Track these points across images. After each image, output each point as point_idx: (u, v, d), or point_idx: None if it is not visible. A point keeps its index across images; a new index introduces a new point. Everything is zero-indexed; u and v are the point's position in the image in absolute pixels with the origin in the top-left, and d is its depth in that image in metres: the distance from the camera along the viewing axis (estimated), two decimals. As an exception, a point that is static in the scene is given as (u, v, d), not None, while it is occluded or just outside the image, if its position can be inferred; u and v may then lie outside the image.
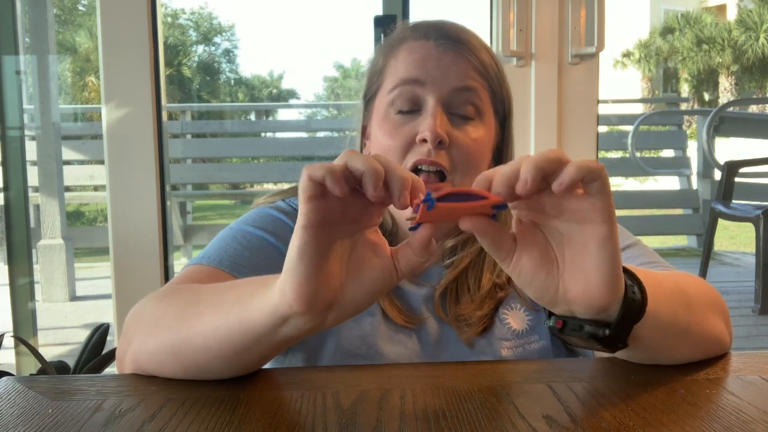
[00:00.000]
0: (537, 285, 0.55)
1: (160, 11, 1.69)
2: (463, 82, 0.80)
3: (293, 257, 0.51)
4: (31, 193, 2.78)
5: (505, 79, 0.85)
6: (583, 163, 0.49)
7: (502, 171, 0.51)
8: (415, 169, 0.79)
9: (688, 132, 6.70)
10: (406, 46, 0.82)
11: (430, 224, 0.52)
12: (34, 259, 3.72)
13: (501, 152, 0.87)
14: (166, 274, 1.68)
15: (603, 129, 6.37)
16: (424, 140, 0.77)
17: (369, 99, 0.86)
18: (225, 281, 0.70)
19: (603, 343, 0.55)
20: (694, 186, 5.68)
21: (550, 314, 0.58)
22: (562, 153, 0.50)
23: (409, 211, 0.51)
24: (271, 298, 0.54)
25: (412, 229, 0.52)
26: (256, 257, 0.77)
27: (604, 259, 0.52)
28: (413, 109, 0.80)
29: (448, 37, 0.81)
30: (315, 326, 0.54)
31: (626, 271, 0.56)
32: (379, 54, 0.86)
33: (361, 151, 0.88)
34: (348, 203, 0.51)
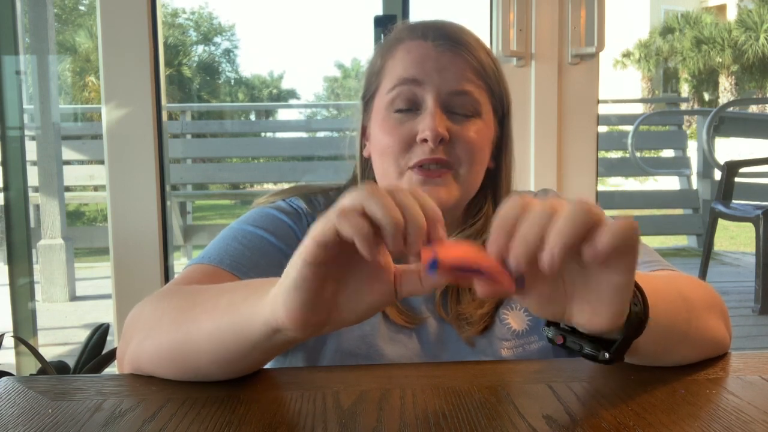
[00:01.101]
0: (542, 313, 0.54)
1: (160, 11, 1.69)
2: (461, 85, 0.79)
3: (289, 285, 0.50)
4: (31, 193, 2.77)
5: (503, 78, 0.85)
6: (618, 231, 0.46)
7: (524, 238, 0.47)
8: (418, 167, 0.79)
9: (688, 132, 6.70)
10: (404, 46, 0.82)
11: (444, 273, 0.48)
12: (34, 259, 3.72)
13: (500, 150, 0.87)
14: (166, 274, 1.68)
15: (603, 129, 6.36)
16: (425, 140, 0.77)
17: (368, 99, 0.86)
18: (226, 281, 0.70)
19: (601, 362, 0.55)
20: (694, 186, 5.68)
21: (549, 322, 0.57)
22: (592, 213, 0.47)
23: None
24: (263, 309, 0.53)
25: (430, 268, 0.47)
26: (257, 257, 0.77)
27: (616, 304, 0.51)
28: (412, 108, 0.80)
29: (446, 37, 0.81)
30: (307, 337, 0.53)
31: None
32: (377, 54, 0.86)
33: (361, 151, 0.88)
34: None
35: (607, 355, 0.54)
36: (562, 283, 0.53)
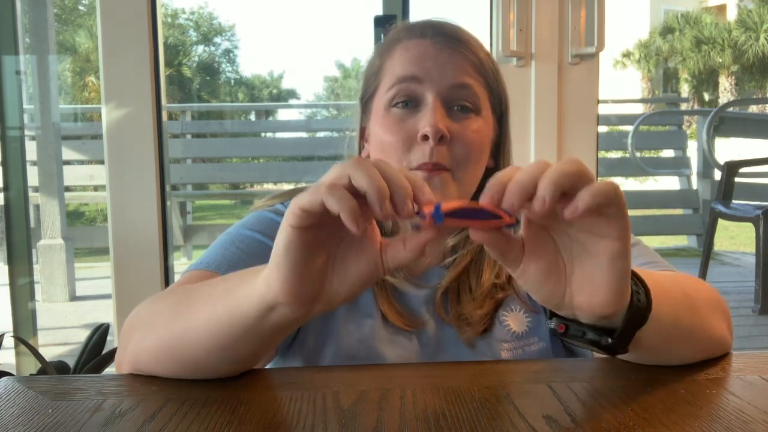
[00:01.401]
0: (543, 292, 0.54)
1: (160, 11, 1.69)
2: (461, 78, 0.79)
3: (279, 252, 0.51)
4: (31, 193, 2.78)
5: (501, 77, 0.85)
6: (597, 189, 0.48)
7: (518, 181, 0.49)
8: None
9: (688, 132, 6.71)
10: (402, 45, 0.82)
11: (433, 230, 0.50)
12: (34, 259, 3.72)
13: (499, 149, 0.87)
14: (166, 274, 1.68)
15: (603, 129, 6.37)
16: (425, 137, 0.77)
17: (366, 100, 0.86)
18: None
19: (605, 349, 0.55)
20: (694, 186, 5.69)
21: (552, 314, 0.58)
22: (580, 166, 0.49)
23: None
24: (258, 287, 0.54)
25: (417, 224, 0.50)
26: (255, 261, 0.77)
27: (613, 274, 0.51)
28: (412, 106, 0.80)
29: (444, 35, 0.81)
30: (302, 315, 0.54)
31: (632, 273, 0.56)
32: (375, 55, 0.86)
33: (360, 152, 0.88)
34: None
35: (610, 340, 0.54)
36: (561, 259, 0.53)
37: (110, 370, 1.53)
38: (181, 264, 4.39)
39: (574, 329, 0.56)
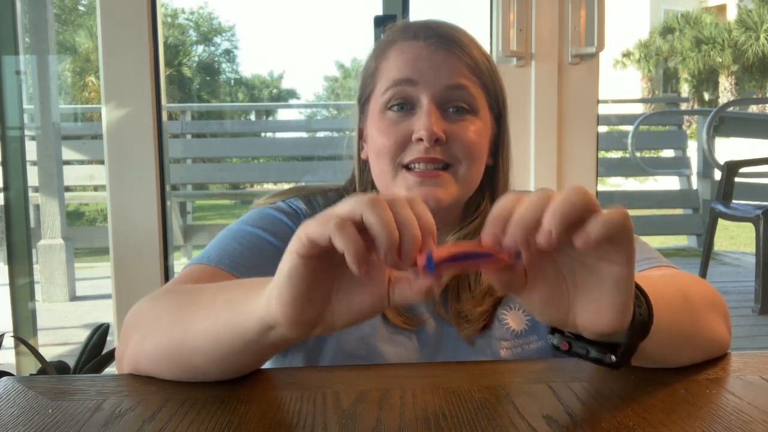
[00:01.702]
0: (546, 316, 0.53)
1: (160, 11, 1.69)
2: (456, 79, 0.80)
3: (282, 277, 0.50)
4: (31, 193, 2.77)
5: (497, 75, 0.85)
6: (609, 219, 0.47)
7: (521, 217, 0.47)
8: (410, 166, 0.79)
9: (688, 132, 6.70)
10: (397, 47, 0.82)
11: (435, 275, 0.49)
12: (34, 259, 3.71)
13: (498, 148, 0.87)
14: (166, 274, 1.68)
15: (603, 129, 6.36)
16: (420, 139, 0.77)
17: (363, 102, 0.86)
18: (224, 280, 0.70)
19: (608, 366, 0.55)
20: (694, 186, 5.68)
21: (553, 330, 0.57)
22: (587, 196, 0.47)
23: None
24: (259, 306, 0.54)
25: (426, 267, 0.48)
26: (256, 257, 0.77)
27: (618, 298, 0.50)
28: (407, 108, 0.80)
29: (438, 36, 0.81)
30: (300, 337, 0.54)
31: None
32: (371, 57, 0.87)
33: (359, 153, 0.88)
34: None
35: (614, 357, 0.54)
36: (564, 282, 0.52)
37: (110, 370, 1.53)
38: (180, 264, 4.38)
39: (577, 347, 0.56)
